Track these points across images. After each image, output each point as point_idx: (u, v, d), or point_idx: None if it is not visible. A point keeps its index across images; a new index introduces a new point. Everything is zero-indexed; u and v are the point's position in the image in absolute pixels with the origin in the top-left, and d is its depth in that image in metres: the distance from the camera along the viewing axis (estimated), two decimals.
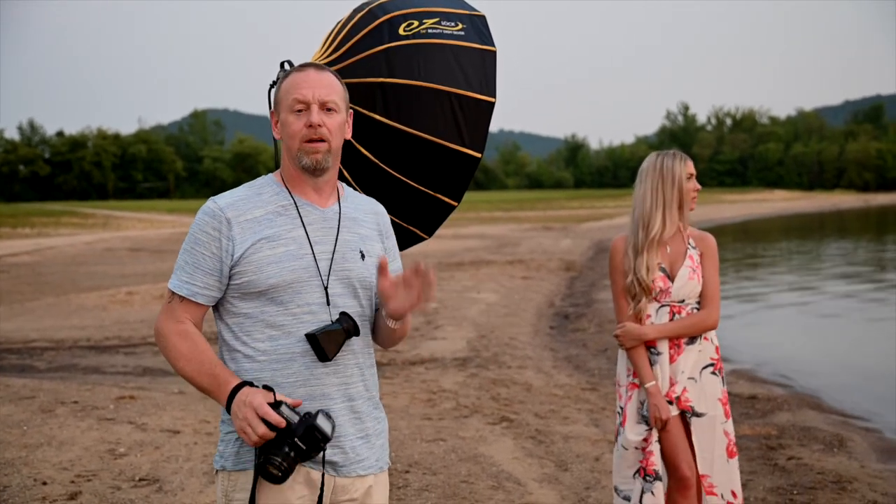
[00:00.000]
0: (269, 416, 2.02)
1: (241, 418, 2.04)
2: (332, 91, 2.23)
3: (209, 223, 2.18)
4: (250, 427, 2.03)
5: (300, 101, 2.20)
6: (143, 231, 37.78)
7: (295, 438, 2.03)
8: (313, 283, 2.18)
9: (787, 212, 59.79)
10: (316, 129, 2.18)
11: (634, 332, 3.50)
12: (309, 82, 2.21)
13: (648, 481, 3.46)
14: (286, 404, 2.06)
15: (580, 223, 39.96)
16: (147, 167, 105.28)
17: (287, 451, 2.03)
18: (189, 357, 2.16)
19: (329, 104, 2.21)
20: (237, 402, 2.07)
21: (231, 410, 2.08)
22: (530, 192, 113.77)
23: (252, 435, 2.03)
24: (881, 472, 5.56)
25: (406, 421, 6.27)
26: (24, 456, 5.12)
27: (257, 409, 2.02)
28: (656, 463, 3.46)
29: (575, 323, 12.02)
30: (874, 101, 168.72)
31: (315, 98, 2.20)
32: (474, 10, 2.87)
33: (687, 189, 3.54)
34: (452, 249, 23.78)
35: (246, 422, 2.03)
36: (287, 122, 2.22)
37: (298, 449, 2.04)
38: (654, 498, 3.43)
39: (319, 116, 2.19)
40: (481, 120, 2.73)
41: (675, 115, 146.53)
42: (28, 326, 11.54)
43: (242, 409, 2.04)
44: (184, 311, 2.20)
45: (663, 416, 3.43)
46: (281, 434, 2.04)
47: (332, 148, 2.23)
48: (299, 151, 2.20)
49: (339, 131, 2.25)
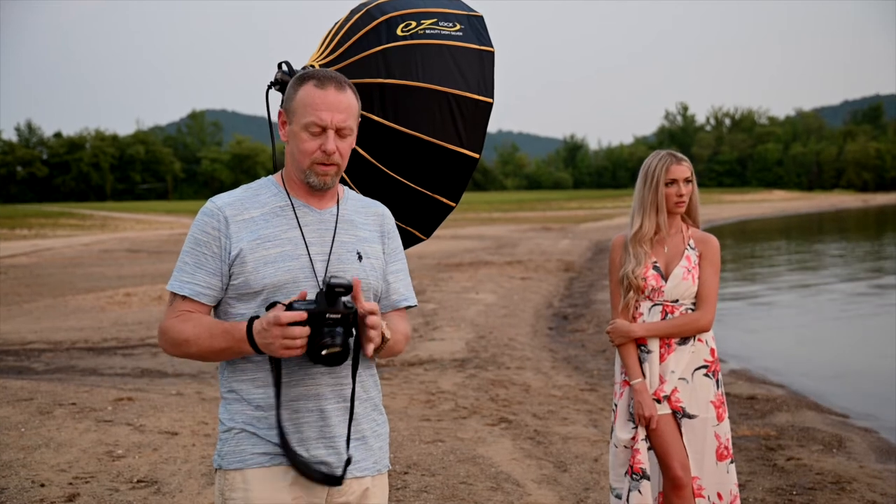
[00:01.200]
0: (291, 317, 1.99)
1: (272, 341, 2.01)
2: (350, 115, 2.20)
3: (208, 223, 2.19)
4: (285, 339, 2.00)
5: (317, 124, 2.17)
6: (142, 232, 37.76)
7: (326, 315, 2.01)
8: (308, 285, 2.18)
9: (785, 212, 59.84)
10: (329, 156, 2.18)
11: (623, 329, 3.53)
12: (328, 104, 2.17)
13: (635, 480, 3.47)
14: (296, 301, 2.04)
15: (579, 224, 39.98)
16: (145, 168, 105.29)
17: (327, 331, 2.01)
18: (196, 333, 2.14)
19: (345, 130, 2.20)
20: (258, 335, 2.04)
21: (259, 345, 2.05)
22: (529, 192, 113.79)
23: (295, 343, 2.00)
24: (880, 472, 5.56)
25: (405, 422, 6.27)
26: (22, 458, 5.10)
27: (278, 320, 1.99)
28: (643, 462, 3.46)
29: (574, 324, 12.02)
30: (873, 101, 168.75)
31: (333, 124, 2.17)
32: (472, 11, 2.87)
33: (664, 192, 3.52)
34: (451, 250, 23.78)
35: (278, 338, 2.00)
36: (300, 138, 2.19)
37: (333, 320, 2.02)
38: (640, 497, 3.44)
39: (335, 143, 2.18)
40: (479, 120, 2.73)
41: (674, 116, 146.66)
42: (26, 328, 11.52)
43: (268, 334, 2.01)
44: (184, 309, 2.20)
45: (646, 414, 3.43)
46: (313, 322, 2.01)
47: (341, 169, 2.24)
48: (308, 170, 2.20)
49: (349, 152, 2.25)
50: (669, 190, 3.52)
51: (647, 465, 3.46)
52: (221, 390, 2.26)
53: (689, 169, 3.56)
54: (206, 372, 8.45)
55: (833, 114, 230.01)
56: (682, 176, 3.52)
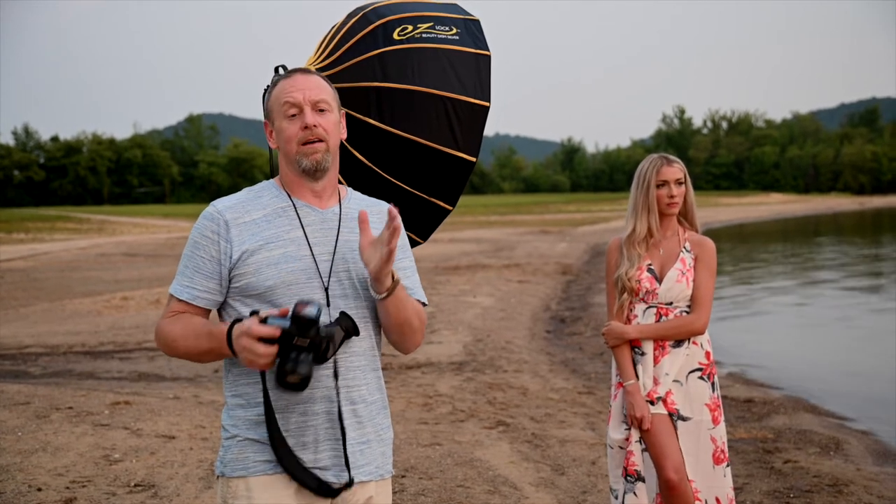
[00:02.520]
0: (262, 332, 1.97)
1: (240, 350, 2.00)
2: (322, 91, 2.23)
3: (208, 227, 2.19)
4: (253, 353, 1.98)
5: (292, 104, 2.20)
6: (139, 236, 37.72)
7: (294, 339, 1.98)
8: (313, 285, 2.17)
9: (782, 215, 59.90)
10: (312, 130, 2.18)
11: (617, 331, 3.55)
12: (297, 85, 2.21)
13: (630, 482, 3.49)
14: (272, 315, 2.02)
15: (576, 227, 39.99)
16: (142, 172, 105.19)
17: (293, 356, 1.99)
18: (184, 333, 2.15)
19: (321, 104, 2.21)
20: (234, 340, 2.03)
21: (235, 351, 2.04)
22: (526, 195, 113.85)
23: (258, 359, 1.98)
24: (877, 474, 5.56)
25: (402, 425, 6.27)
26: (19, 462, 5.10)
27: (249, 331, 1.98)
28: (637, 463, 3.48)
29: (571, 327, 12.03)
30: (869, 104, 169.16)
31: (306, 99, 2.20)
32: (468, 15, 2.88)
33: (655, 195, 3.55)
34: (448, 253, 23.78)
35: (247, 350, 1.99)
36: (282, 128, 2.22)
37: (300, 347, 1.99)
38: (636, 499, 3.45)
39: (314, 117, 2.19)
40: (476, 124, 2.73)
41: (671, 119, 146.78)
42: (22, 332, 11.51)
43: (238, 342, 2.01)
44: (178, 310, 2.20)
45: (637, 414, 3.45)
46: (282, 343, 1.99)
47: (331, 147, 2.22)
48: (298, 154, 2.20)
49: (335, 130, 2.25)
50: (660, 192, 3.55)
51: (641, 467, 3.48)
52: (225, 395, 2.25)
53: (682, 171, 3.58)
54: (203, 376, 8.45)
55: (829, 117, 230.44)
56: (673, 177, 3.54)
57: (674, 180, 3.54)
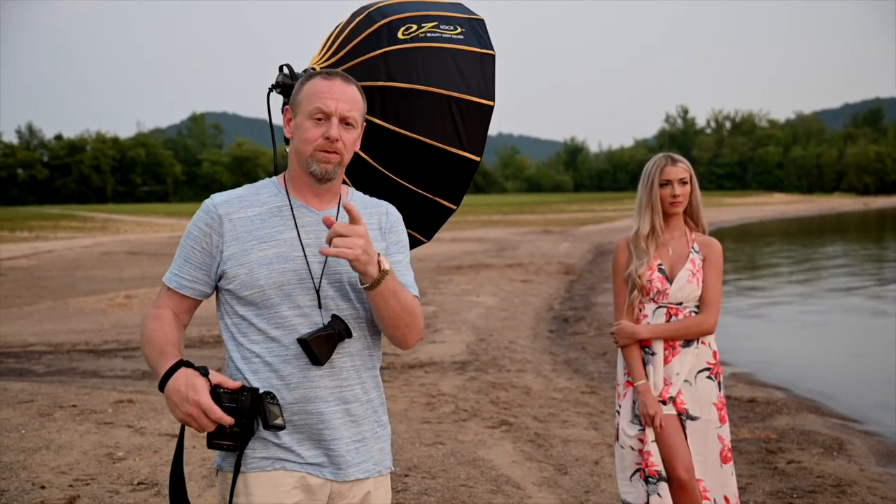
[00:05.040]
0: (223, 420, 2.02)
1: (184, 412, 2.02)
2: (354, 106, 2.22)
3: (202, 218, 2.21)
4: (197, 423, 2.03)
5: (322, 111, 2.18)
6: (142, 234, 37.77)
7: (242, 420, 2.07)
8: (305, 286, 2.17)
9: (786, 215, 59.83)
10: (332, 143, 2.18)
11: (628, 331, 3.56)
12: (334, 93, 2.19)
13: (652, 483, 3.47)
14: (224, 390, 2.05)
15: (579, 226, 39.98)
16: (146, 171, 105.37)
17: (227, 433, 2.07)
18: (150, 338, 2.17)
19: (349, 119, 2.20)
20: (172, 389, 2.04)
21: (165, 392, 2.06)
22: (529, 195, 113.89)
23: (198, 430, 2.05)
24: (881, 475, 5.55)
25: (405, 424, 6.27)
26: (23, 460, 5.11)
27: (199, 405, 2.01)
28: (657, 464, 3.47)
29: (574, 326, 12.02)
30: (873, 105, 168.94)
31: (337, 111, 2.18)
32: (473, 14, 2.87)
33: (658, 194, 3.57)
34: (451, 253, 23.78)
35: (191, 418, 2.02)
36: (304, 126, 2.20)
37: (245, 433, 2.09)
38: (661, 500, 3.44)
39: (338, 131, 2.18)
40: (480, 123, 2.73)
41: (675, 119, 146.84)
42: (26, 330, 11.53)
43: (185, 405, 2.02)
44: (167, 300, 2.24)
45: (650, 412, 3.45)
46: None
47: (343, 161, 2.23)
48: (311, 158, 2.19)
49: (353, 147, 2.25)
50: (664, 191, 3.57)
51: (661, 468, 3.47)
52: None
53: (686, 170, 3.58)
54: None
55: (833, 117, 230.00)
56: (677, 177, 3.55)
57: (677, 180, 3.55)
